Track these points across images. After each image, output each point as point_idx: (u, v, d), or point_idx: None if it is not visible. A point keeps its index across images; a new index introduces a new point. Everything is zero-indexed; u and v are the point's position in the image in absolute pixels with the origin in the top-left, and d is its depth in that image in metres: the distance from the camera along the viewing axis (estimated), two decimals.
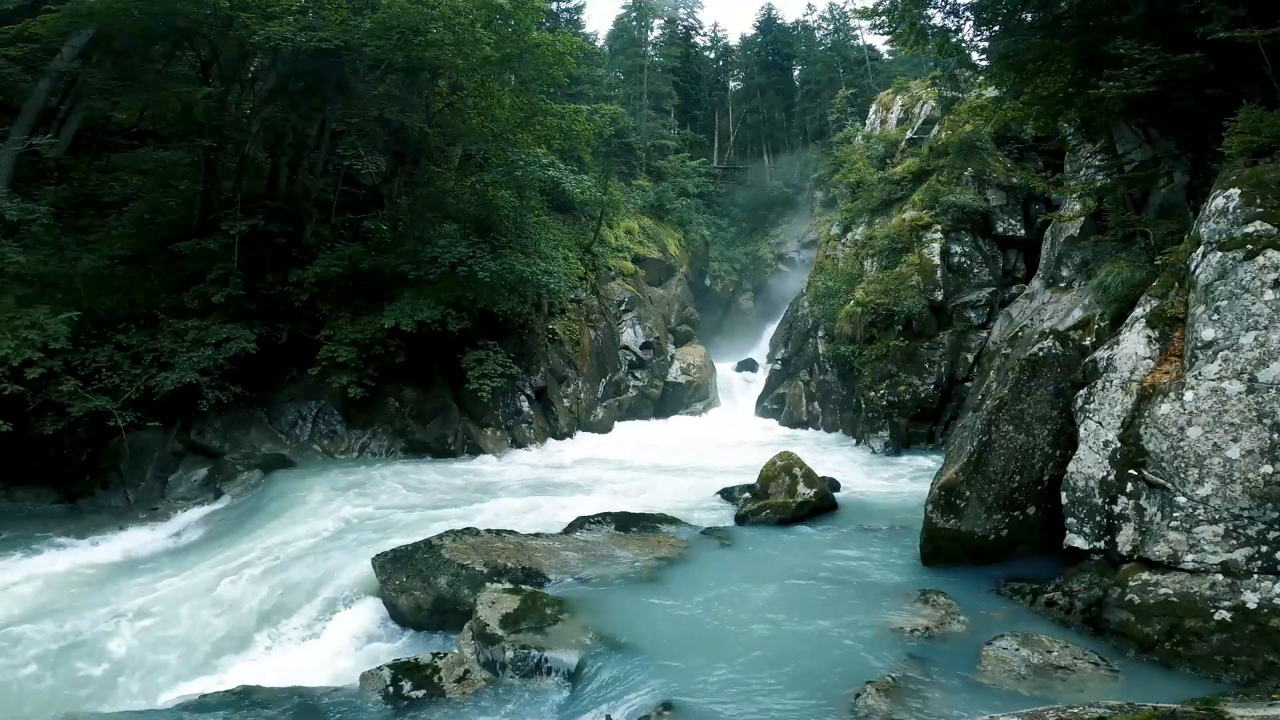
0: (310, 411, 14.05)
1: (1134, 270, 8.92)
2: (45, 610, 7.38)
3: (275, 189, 15.16)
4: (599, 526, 8.82)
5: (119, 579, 8.32)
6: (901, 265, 17.32)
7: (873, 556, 7.85)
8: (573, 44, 17.18)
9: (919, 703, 4.68)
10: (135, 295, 12.83)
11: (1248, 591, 5.16)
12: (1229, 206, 6.26)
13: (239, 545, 9.11)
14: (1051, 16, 9.68)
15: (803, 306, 22.50)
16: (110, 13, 11.47)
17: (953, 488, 7.18)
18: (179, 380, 11.77)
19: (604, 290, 23.24)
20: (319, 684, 5.78)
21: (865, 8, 11.60)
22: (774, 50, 47.27)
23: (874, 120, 25.36)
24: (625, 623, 6.06)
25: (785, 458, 10.44)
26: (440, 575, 7.03)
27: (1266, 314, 5.61)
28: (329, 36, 12.55)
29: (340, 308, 14.50)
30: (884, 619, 6.05)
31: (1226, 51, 7.59)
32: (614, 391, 21.39)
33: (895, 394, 15.82)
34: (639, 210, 29.59)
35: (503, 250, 15.11)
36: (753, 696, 4.86)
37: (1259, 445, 5.39)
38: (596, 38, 41.96)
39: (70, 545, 9.51)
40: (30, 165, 13.07)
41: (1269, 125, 6.58)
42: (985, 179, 17.84)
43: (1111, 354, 6.72)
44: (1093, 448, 6.38)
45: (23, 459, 11.23)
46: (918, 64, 33.40)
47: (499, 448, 15.33)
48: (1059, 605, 6.08)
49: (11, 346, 9.91)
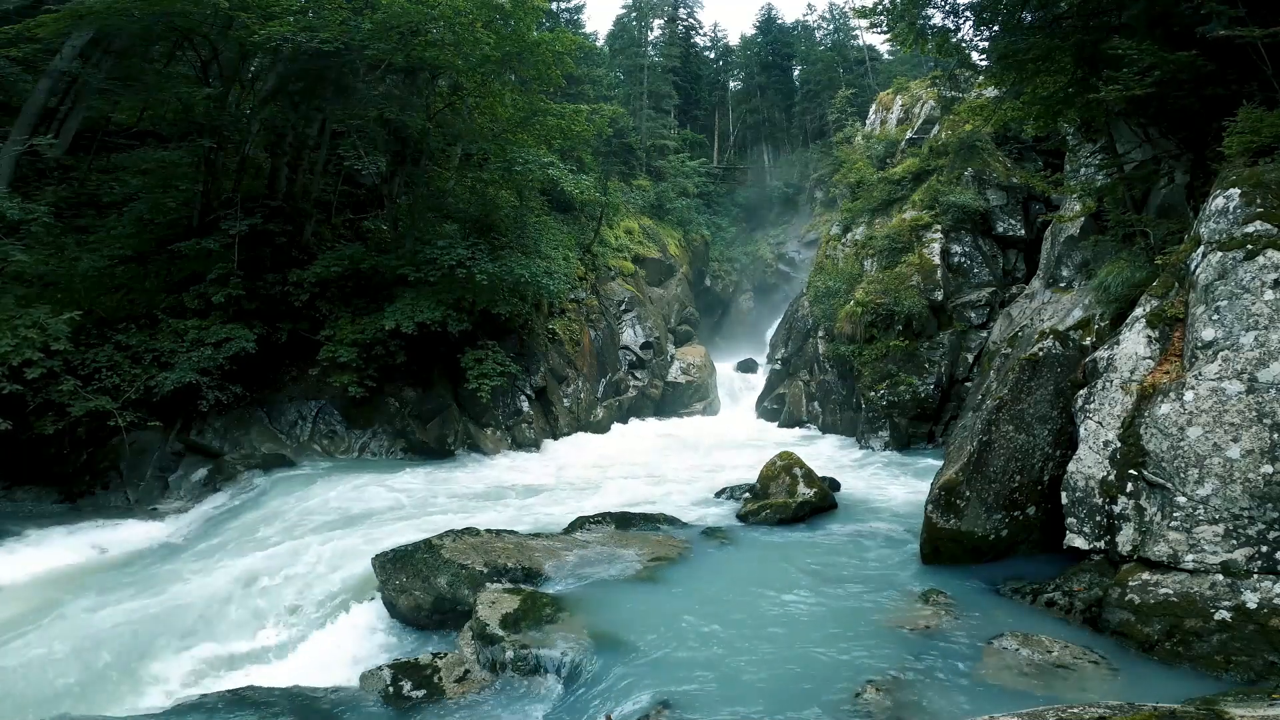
0: (310, 411, 14.05)
1: (1134, 270, 8.93)
2: (44, 610, 7.37)
3: (275, 189, 15.15)
4: (599, 526, 8.83)
5: (119, 579, 8.31)
6: (901, 265, 17.33)
7: (873, 556, 7.85)
8: (572, 43, 17.17)
9: (920, 702, 4.68)
10: (135, 295, 12.82)
11: (1248, 591, 5.16)
12: (1229, 206, 6.26)
13: (239, 545, 9.12)
14: (1051, 16, 9.69)
15: (803, 306, 22.50)
16: (110, 13, 11.46)
17: (953, 488, 7.18)
18: (179, 380, 11.77)
19: (604, 290, 23.24)
20: (319, 684, 5.79)
21: (865, 7, 11.59)
22: (774, 50, 47.28)
23: (874, 120, 25.36)
24: (625, 622, 6.06)
25: (785, 458, 10.44)
26: (440, 575, 7.03)
27: (1266, 314, 5.61)
28: (329, 37, 12.53)
29: (340, 308, 14.50)
30: (884, 618, 6.05)
31: (1226, 51, 7.60)
32: (614, 391, 21.39)
33: (895, 394, 15.82)
34: (639, 210, 29.59)
35: (502, 251, 15.10)
36: (752, 696, 4.86)
37: (1259, 445, 5.39)
38: (596, 38, 41.97)
39: (70, 545, 9.50)
40: (30, 165, 13.06)
41: (1269, 125, 6.58)
42: (985, 179, 17.84)
43: (1111, 354, 6.72)
44: (1093, 448, 6.38)
45: (23, 459, 11.24)
46: (918, 64, 33.46)
47: (499, 448, 15.33)
48: (1059, 605, 6.08)
49: (11, 346, 9.90)
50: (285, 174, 15.46)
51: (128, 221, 13.36)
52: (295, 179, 15.66)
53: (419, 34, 13.65)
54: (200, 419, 12.75)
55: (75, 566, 8.83)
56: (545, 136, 17.51)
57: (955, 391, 15.92)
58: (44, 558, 8.90)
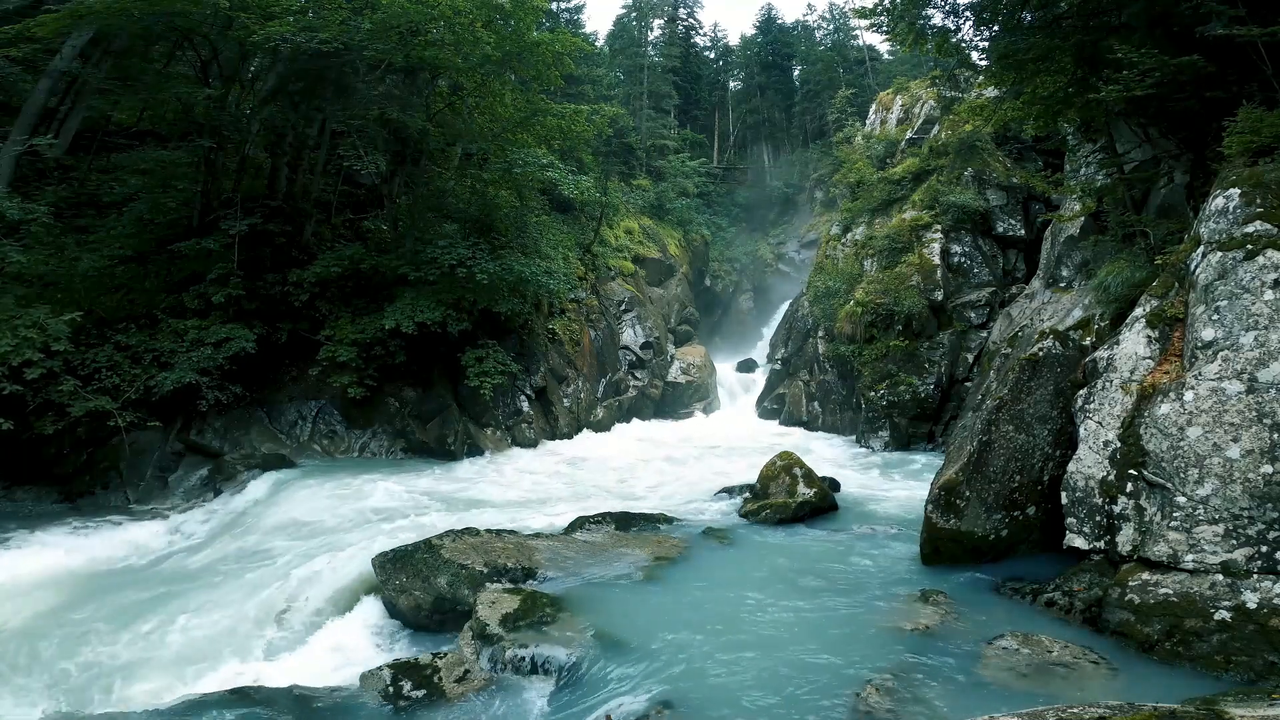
0: (310, 411, 14.05)
1: (1134, 270, 8.93)
2: (44, 610, 7.38)
3: (275, 189, 15.15)
4: (599, 526, 8.83)
5: (119, 579, 8.32)
6: (901, 265, 17.33)
7: (873, 556, 7.85)
8: (572, 44, 17.16)
9: (920, 702, 4.68)
10: (135, 295, 12.81)
11: (1248, 591, 5.16)
12: (1229, 206, 6.26)
13: (238, 545, 9.12)
14: (1051, 16, 9.69)
15: (803, 306, 22.51)
16: (110, 13, 11.45)
17: (953, 488, 7.18)
18: (179, 380, 11.76)
19: (604, 290, 23.24)
20: (319, 684, 5.78)
21: (864, 7, 11.59)
22: (774, 50, 47.33)
23: (874, 120, 25.37)
24: (625, 622, 6.06)
25: (785, 458, 10.44)
26: (440, 575, 7.03)
27: (1266, 314, 5.61)
28: (329, 37, 12.52)
29: (340, 308, 14.49)
30: (884, 618, 6.05)
31: (1226, 51, 7.60)
32: (614, 391, 21.38)
33: (895, 394, 15.82)
34: (639, 210, 29.60)
35: (502, 250, 15.10)
36: (752, 696, 4.86)
37: (1259, 445, 5.39)
38: (596, 38, 41.98)
39: (69, 545, 9.49)
40: (30, 165, 13.05)
41: (1269, 125, 6.59)
42: (985, 179, 17.85)
43: (1111, 354, 6.72)
44: (1093, 448, 6.38)
45: (23, 459, 11.24)
46: (918, 64, 33.46)
47: (499, 448, 15.33)
48: (1059, 605, 6.08)
49: (11, 346, 9.90)
50: (285, 174, 15.45)
51: (128, 221, 13.35)
52: (295, 179, 15.66)
53: (419, 34, 13.65)
54: (200, 419, 12.75)
55: (75, 566, 8.82)
56: (545, 136, 17.50)
57: (955, 391, 15.92)
58: (44, 558, 8.89)
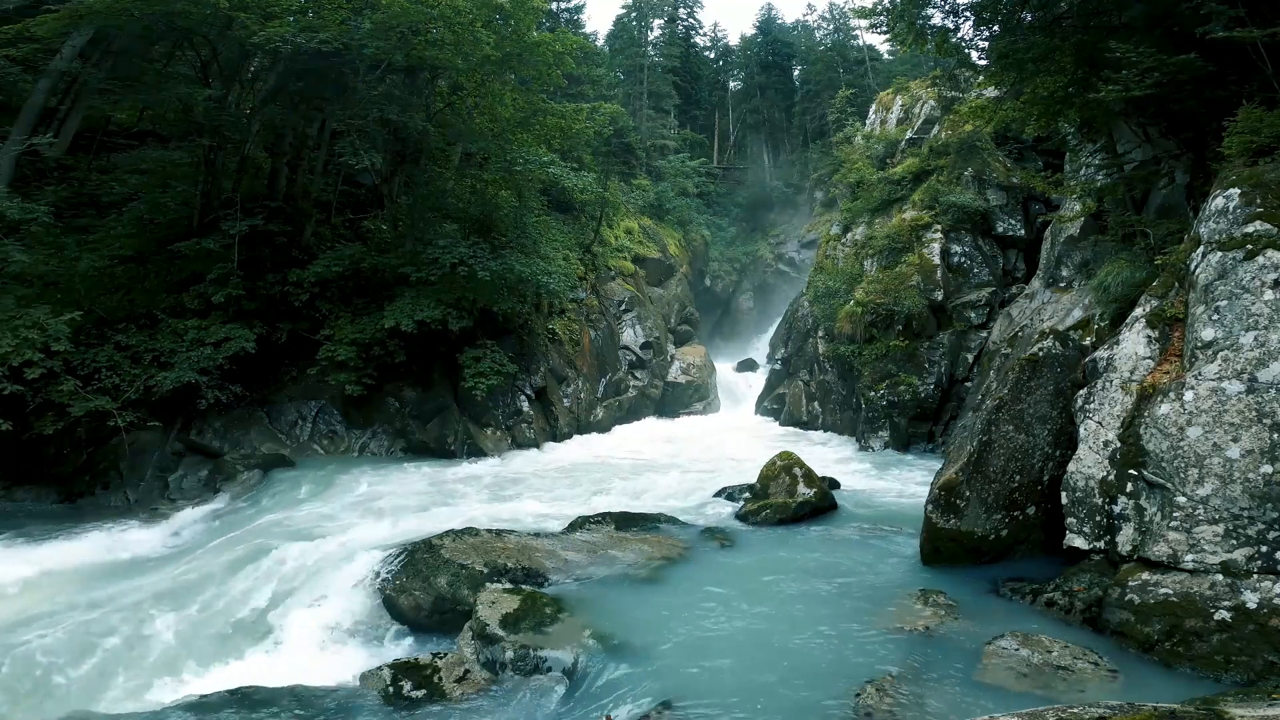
0: (310, 411, 14.05)
1: (1134, 270, 8.93)
2: (44, 610, 7.37)
3: (275, 189, 15.15)
4: (599, 526, 8.82)
5: (119, 578, 8.31)
6: (901, 265, 17.32)
7: (872, 556, 7.85)
8: (572, 44, 17.17)
9: (919, 702, 4.68)
10: (135, 295, 12.81)
11: (1248, 591, 5.16)
12: (1229, 206, 6.26)
13: (238, 545, 9.10)
14: (1051, 16, 9.68)
15: (803, 306, 22.50)
16: (110, 13, 11.46)
17: (953, 488, 7.18)
18: (179, 380, 11.76)
19: (604, 290, 23.23)
20: (319, 684, 5.79)
21: (864, 7, 11.60)
22: (774, 50, 47.34)
23: (874, 120, 25.35)
24: (625, 623, 6.06)
25: (785, 458, 10.44)
26: (440, 575, 7.03)
27: (1266, 314, 5.61)
28: (329, 37, 12.53)
29: (340, 308, 14.49)
30: (884, 619, 6.05)
31: (1226, 51, 7.59)
32: (614, 391, 21.38)
33: (895, 394, 15.82)
34: (639, 210, 29.60)
35: (503, 250, 15.10)
36: (752, 696, 4.87)
37: (1259, 445, 5.39)
38: (596, 38, 42.02)
39: (70, 545, 9.49)
40: (30, 165, 13.06)
41: (1269, 125, 6.58)
42: (985, 179, 17.84)
43: (1111, 354, 6.72)
44: (1093, 448, 6.38)
45: (23, 459, 11.24)
46: (918, 64, 33.45)
47: (499, 448, 15.32)
48: (1059, 605, 6.08)
49: (11, 346, 9.90)
50: (285, 174, 15.46)
51: (128, 221, 13.36)
52: (295, 179, 15.66)
53: (419, 34, 13.65)
54: (200, 419, 12.75)
55: (75, 566, 8.81)
56: (545, 136, 17.50)
57: (955, 391, 15.92)
58: (44, 557, 8.88)
